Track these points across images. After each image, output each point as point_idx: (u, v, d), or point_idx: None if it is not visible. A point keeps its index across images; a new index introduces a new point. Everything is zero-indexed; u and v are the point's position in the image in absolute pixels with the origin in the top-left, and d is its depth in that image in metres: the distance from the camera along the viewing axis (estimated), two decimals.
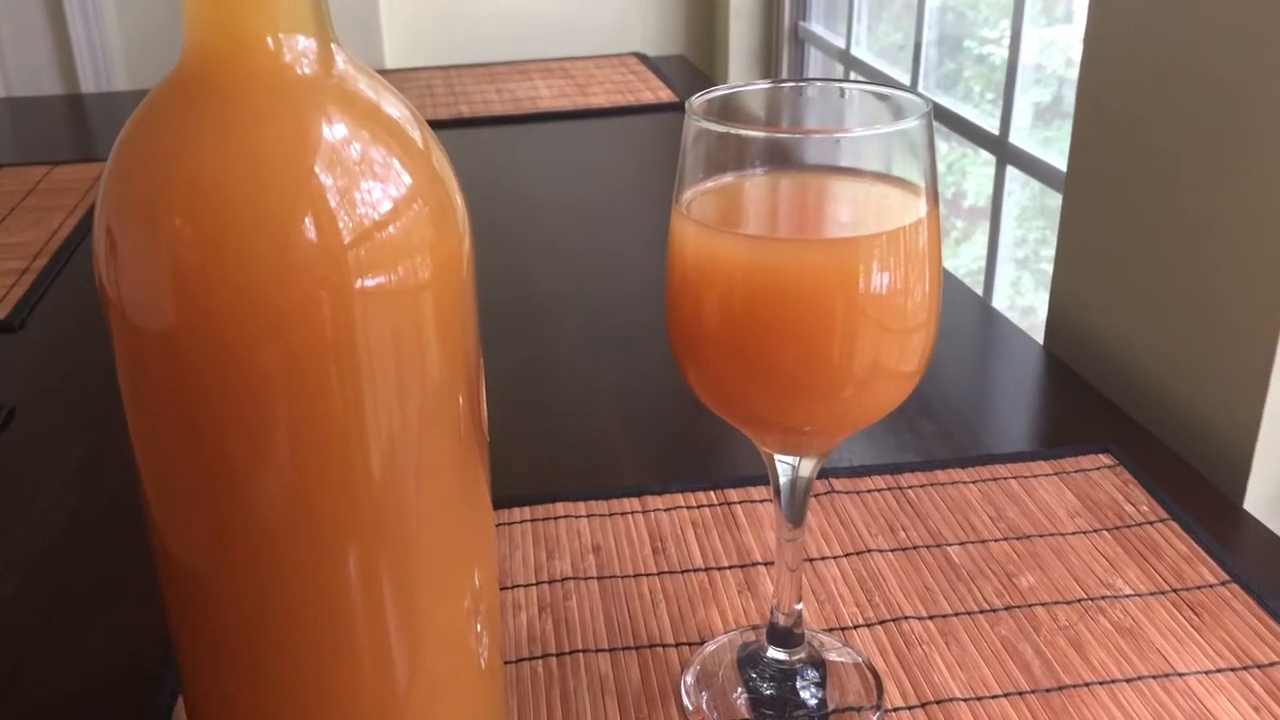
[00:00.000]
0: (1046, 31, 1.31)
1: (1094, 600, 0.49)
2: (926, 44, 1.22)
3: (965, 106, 1.32)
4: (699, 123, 0.35)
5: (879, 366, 0.35)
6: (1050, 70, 1.27)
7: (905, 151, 0.35)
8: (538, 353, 0.74)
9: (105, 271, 0.32)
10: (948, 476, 0.58)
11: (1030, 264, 1.53)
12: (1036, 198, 1.37)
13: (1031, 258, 1.51)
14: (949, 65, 1.37)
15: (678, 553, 0.52)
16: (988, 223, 1.10)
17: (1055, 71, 1.22)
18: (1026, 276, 1.52)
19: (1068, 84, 1.04)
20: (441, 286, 0.33)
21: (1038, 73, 1.36)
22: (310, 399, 0.31)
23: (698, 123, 0.35)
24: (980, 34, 1.48)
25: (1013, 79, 1.01)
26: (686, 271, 0.36)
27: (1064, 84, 1.17)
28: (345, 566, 0.34)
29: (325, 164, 0.30)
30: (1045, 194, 1.28)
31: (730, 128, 0.33)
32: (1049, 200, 1.19)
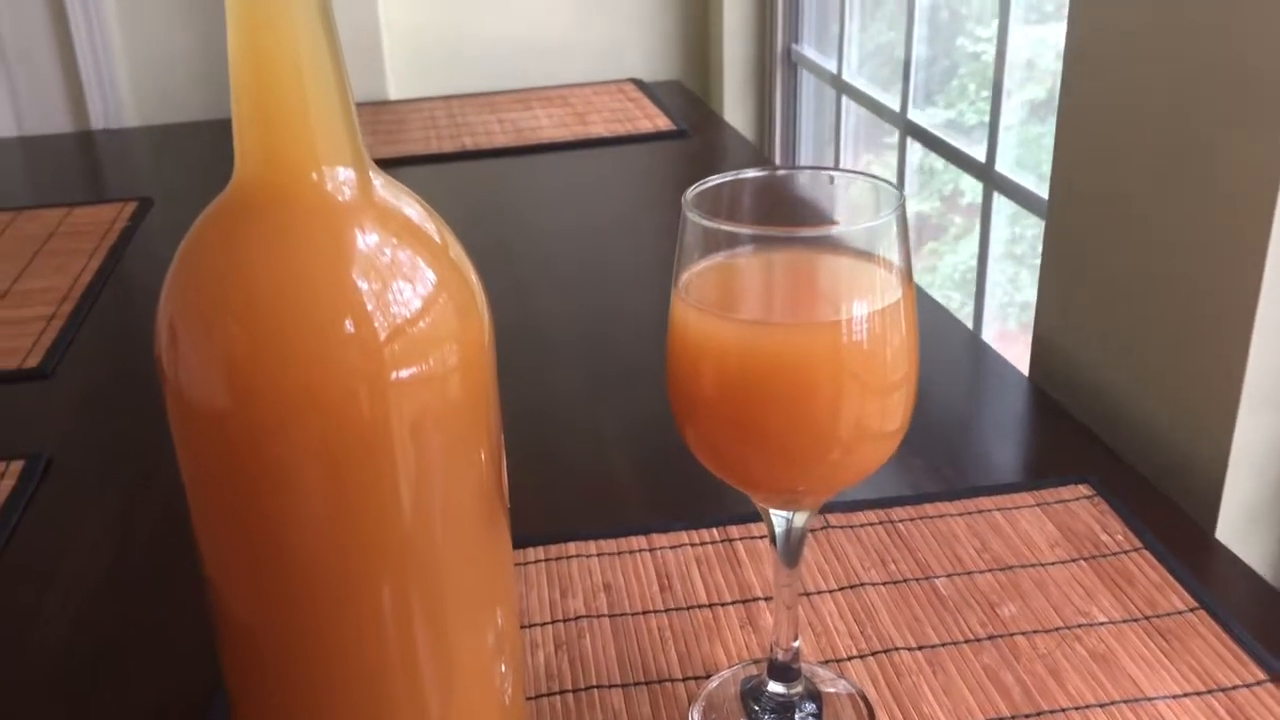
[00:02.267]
0: (1038, 29, 1.34)
1: (1071, 629, 0.52)
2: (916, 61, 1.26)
3: (958, 109, 1.35)
4: (693, 217, 0.38)
5: (863, 432, 0.39)
6: (1043, 66, 1.30)
7: (882, 238, 0.38)
8: (545, 395, 0.77)
9: (166, 360, 0.35)
10: (935, 510, 0.61)
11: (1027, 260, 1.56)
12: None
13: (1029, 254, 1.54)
14: (942, 63, 1.39)
15: (683, 589, 0.56)
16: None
17: (1048, 67, 1.25)
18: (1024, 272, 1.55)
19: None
20: (467, 370, 0.37)
21: (1029, 70, 1.39)
22: (347, 476, 0.35)
23: (692, 217, 0.38)
24: (975, 32, 1.51)
25: (998, 107, 1.05)
26: (686, 349, 0.39)
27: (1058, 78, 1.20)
28: (381, 611, 0.38)
29: (361, 271, 0.34)
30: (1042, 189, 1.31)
31: (721, 224, 0.37)
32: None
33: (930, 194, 2.00)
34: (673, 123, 1.36)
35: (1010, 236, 1.39)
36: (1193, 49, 0.61)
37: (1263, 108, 0.56)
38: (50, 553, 0.62)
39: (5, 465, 0.69)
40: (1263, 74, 0.56)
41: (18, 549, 0.62)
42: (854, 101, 1.43)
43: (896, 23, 1.24)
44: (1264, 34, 0.56)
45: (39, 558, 0.62)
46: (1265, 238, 0.57)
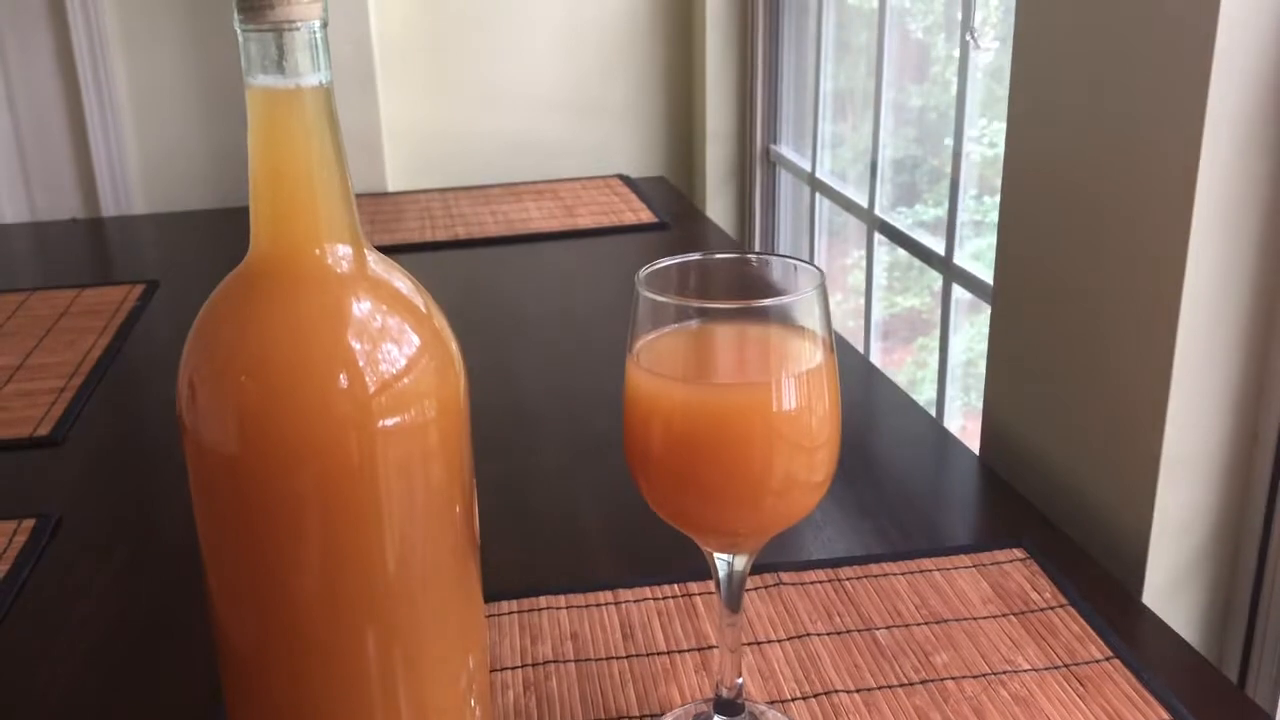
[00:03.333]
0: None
1: (997, 674, 0.57)
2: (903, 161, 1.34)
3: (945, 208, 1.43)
4: (644, 292, 0.44)
5: (792, 479, 0.45)
6: None
7: (806, 310, 0.44)
8: (523, 460, 0.83)
9: (186, 411, 0.41)
10: (881, 569, 0.66)
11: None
12: None
13: None
14: (931, 162, 1.47)
15: (644, 638, 0.61)
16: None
17: None
18: None
19: None
20: (444, 421, 0.42)
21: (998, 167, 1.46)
22: (340, 510, 0.40)
23: (643, 292, 0.44)
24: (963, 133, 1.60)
25: (955, 200, 1.12)
26: (637, 408, 0.45)
27: None
28: (365, 647, 0.42)
29: (354, 334, 0.40)
30: None
31: (669, 299, 0.43)
32: None
33: (920, 289, 2.07)
34: (655, 215, 1.43)
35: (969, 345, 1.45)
36: (1113, 140, 0.68)
37: (1169, 207, 0.63)
38: (59, 603, 0.67)
39: (18, 524, 0.74)
40: (1170, 172, 0.63)
41: (29, 599, 0.67)
42: (828, 199, 1.51)
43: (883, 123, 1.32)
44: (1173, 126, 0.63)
45: (49, 608, 0.66)
46: (1173, 333, 0.63)
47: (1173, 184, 0.62)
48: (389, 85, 1.69)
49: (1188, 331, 0.63)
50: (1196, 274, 0.62)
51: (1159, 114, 0.63)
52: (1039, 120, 0.75)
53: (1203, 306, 0.63)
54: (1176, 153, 0.62)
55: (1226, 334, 0.64)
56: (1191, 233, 0.61)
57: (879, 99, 1.29)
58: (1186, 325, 0.63)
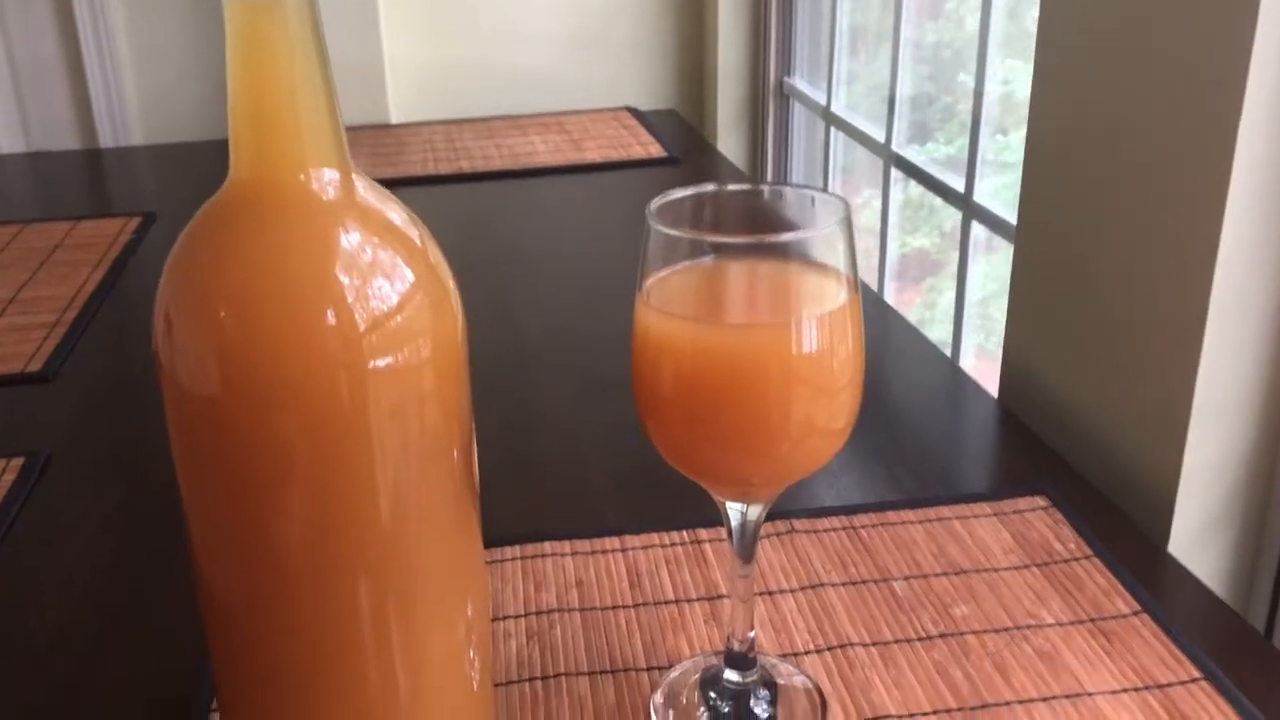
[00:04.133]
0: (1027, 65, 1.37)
1: (1019, 629, 0.55)
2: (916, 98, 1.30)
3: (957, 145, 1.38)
4: (655, 225, 0.41)
5: (811, 426, 0.42)
6: None
7: (829, 246, 0.41)
8: (528, 403, 0.80)
9: (162, 348, 0.38)
10: (898, 517, 0.64)
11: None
12: None
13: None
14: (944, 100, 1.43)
15: (651, 586, 0.59)
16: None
17: None
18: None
19: None
20: (439, 362, 0.40)
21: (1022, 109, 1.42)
22: (328, 456, 0.38)
23: (654, 225, 0.41)
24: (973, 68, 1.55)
25: (976, 137, 1.08)
26: (647, 350, 0.42)
27: None
28: (357, 597, 0.40)
29: (343, 267, 0.37)
30: None
31: (682, 233, 0.40)
32: None
33: (930, 229, 2.03)
34: (665, 150, 1.39)
35: (1005, 272, 1.42)
36: (1148, 78, 0.64)
37: (1208, 145, 0.59)
38: (48, 546, 0.65)
39: (6, 462, 0.72)
40: (1213, 108, 0.59)
41: (16, 542, 0.65)
42: (843, 133, 1.47)
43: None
44: (1216, 57, 0.59)
45: (36, 551, 0.64)
46: (1211, 265, 0.60)
47: (1213, 122, 0.59)
48: (392, 15, 1.64)
49: (1225, 273, 0.60)
50: (1236, 214, 0.59)
51: (1200, 46, 0.60)
52: (1069, 56, 0.71)
53: (1242, 248, 0.60)
54: (1218, 89, 0.58)
55: (1265, 276, 0.61)
56: (1232, 173, 0.58)
57: (898, 29, 1.25)
58: (1224, 266, 0.60)
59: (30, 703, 0.53)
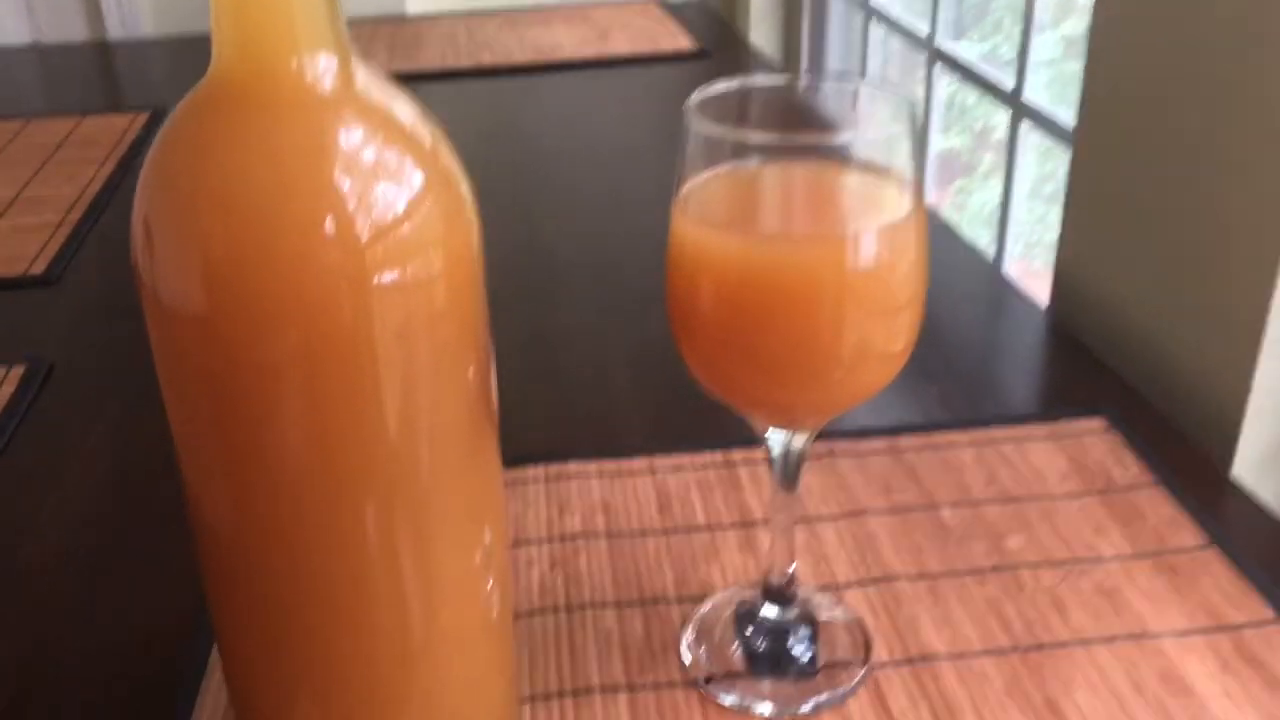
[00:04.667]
0: None
1: (1078, 562, 0.51)
2: None
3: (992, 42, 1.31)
4: (696, 125, 0.36)
5: (866, 352, 0.38)
6: (1083, 1, 1.26)
7: (893, 149, 0.36)
8: (550, 316, 0.76)
9: (141, 260, 0.34)
10: (945, 440, 0.60)
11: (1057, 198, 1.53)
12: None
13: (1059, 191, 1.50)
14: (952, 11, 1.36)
15: (682, 512, 0.55)
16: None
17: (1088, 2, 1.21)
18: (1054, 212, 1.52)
19: None
20: (452, 276, 0.35)
21: (1068, 4, 1.34)
22: (328, 381, 0.34)
23: (695, 125, 0.37)
24: None
25: (1028, 33, 1.01)
26: (684, 264, 0.38)
27: None
28: (364, 525, 0.37)
29: (343, 169, 0.33)
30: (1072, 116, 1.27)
31: (726, 132, 0.35)
32: None
33: (961, 130, 1.95)
34: (695, 43, 1.32)
35: (1039, 175, 1.36)
36: None
37: None
38: (49, 459, 0.62)
39: (6, 370, 0.69)
40: None
41: (16, 454, 0.62)
42: (883, 28, 1.40)
43: None
44: None
45: (38, 463, 0.61)
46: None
47: None
48: None
49: None
50: None
51: None
52: None
53: None
54: None
55: None
56: None
57: None
58: None
59: (25, 619, 0.51)
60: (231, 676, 0.41)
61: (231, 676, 0.41)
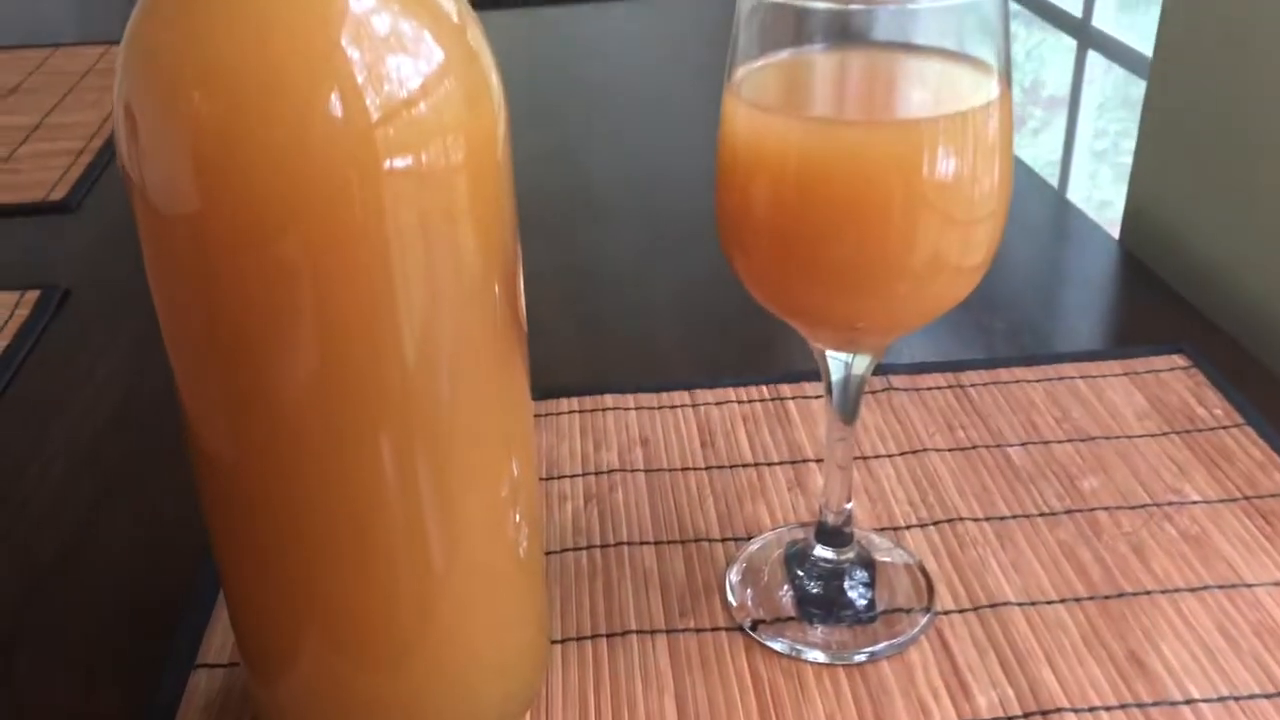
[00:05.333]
0: None
1: (1159, 506, 0.47)
2: None
3: None
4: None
5: (940, 260, 0.33)
6: None
7: (976, 28, 0.32)
8: (592, 250, 0.72)
9: (126, 152, 0.30)
10: (1011, 375, 0.56)
11: (1109, 157, 1.46)
12: (1120, 87, 1.30)
13: (1111, 150, 1.44)
14: None
15: (726, 447, 0.51)
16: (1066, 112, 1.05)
17: None
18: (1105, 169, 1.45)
19: None
20: (475, 168, 0.31)
21: None
22: (338, 284, 0.30)
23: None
24: None
25: None
26: (736, 153, 0.33)
27: None
28: (378, 454, 0.33)
29: (351, 36, 0.29)
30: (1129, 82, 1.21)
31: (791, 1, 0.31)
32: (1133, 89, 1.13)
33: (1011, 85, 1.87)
34: None
35: (1094, 132, 1.30)
36: None
37: None
38: (60, 386, 0.59)
39: (20, 295, 0.66)
40: None
41: (27, 380, 0.59)
42: None
43: None
44: None
45: (49, 390, 0.58)
46: None
47: None
48: None
49: None
50: None
51: None
52: None
53: None
54: None
55: None
56: None
57: None
58: None
59: (29, 547, 0.48)
60: (237, 620, 0.38)
61: (237, 620, 0.38)
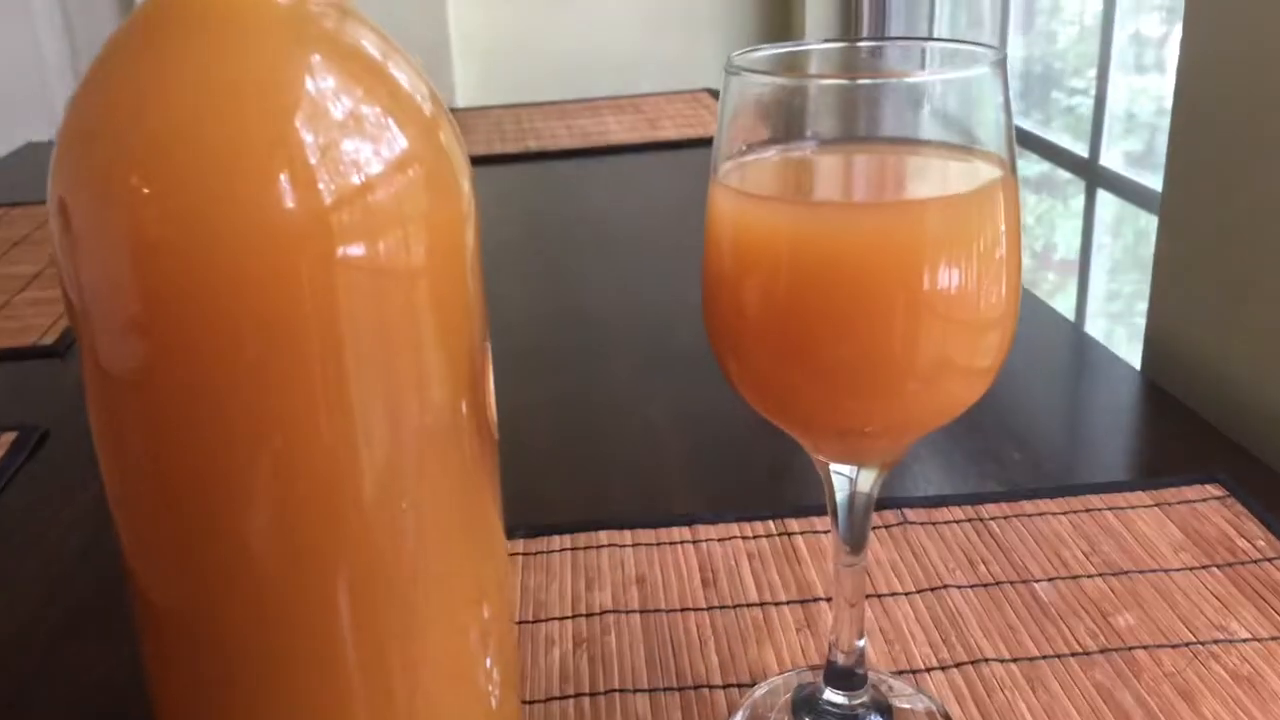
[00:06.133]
0: (1137, 79, 1.26)
1: (1204, 644, 0.43)
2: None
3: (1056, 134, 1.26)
4: (742, 76, 0.30)
5: (948, 357, 0.31)
6: (1142, 119, 1.21)
7: (975, 109, 0.30)
8: (590, 378, 0.70)
9: (61, 249, 0.28)
10: (1035, 507, 0.52)
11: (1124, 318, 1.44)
12: (1131, 249, 1.30)
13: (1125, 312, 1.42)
14: (1035, 117, 1.31)
15: (730, 586, 0.47)
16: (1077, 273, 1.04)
17: (1147, 120, 1.16)
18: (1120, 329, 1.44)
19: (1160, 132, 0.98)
20: (440, 260, 0.29)
21: (1129, 122, 1.30)
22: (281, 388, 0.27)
23: (741, 76, 0.30)
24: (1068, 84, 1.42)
25: (1102, 100, 0.96)
26: (723, 246, 0.31)
27: (1156, 132, 1.11)
28: (333, 598, 0.30)
29: (308, 114, 0.27)
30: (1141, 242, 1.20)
31: (778, 78, 0.29)
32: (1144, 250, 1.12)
33: (1023, 250, 1.89)
34: None
35: (1106, 294, 1.29)
36: None
37: None
38: (32, 524, 0.56)
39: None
40: None
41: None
42: None
43: None
44: None
45: (19, 527, 0.55)
46: None
47: None
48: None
49: None
50: None
51: None
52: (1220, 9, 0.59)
53: None
54: None
55: None
56: None
57: None
58: None
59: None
60: None
61: None
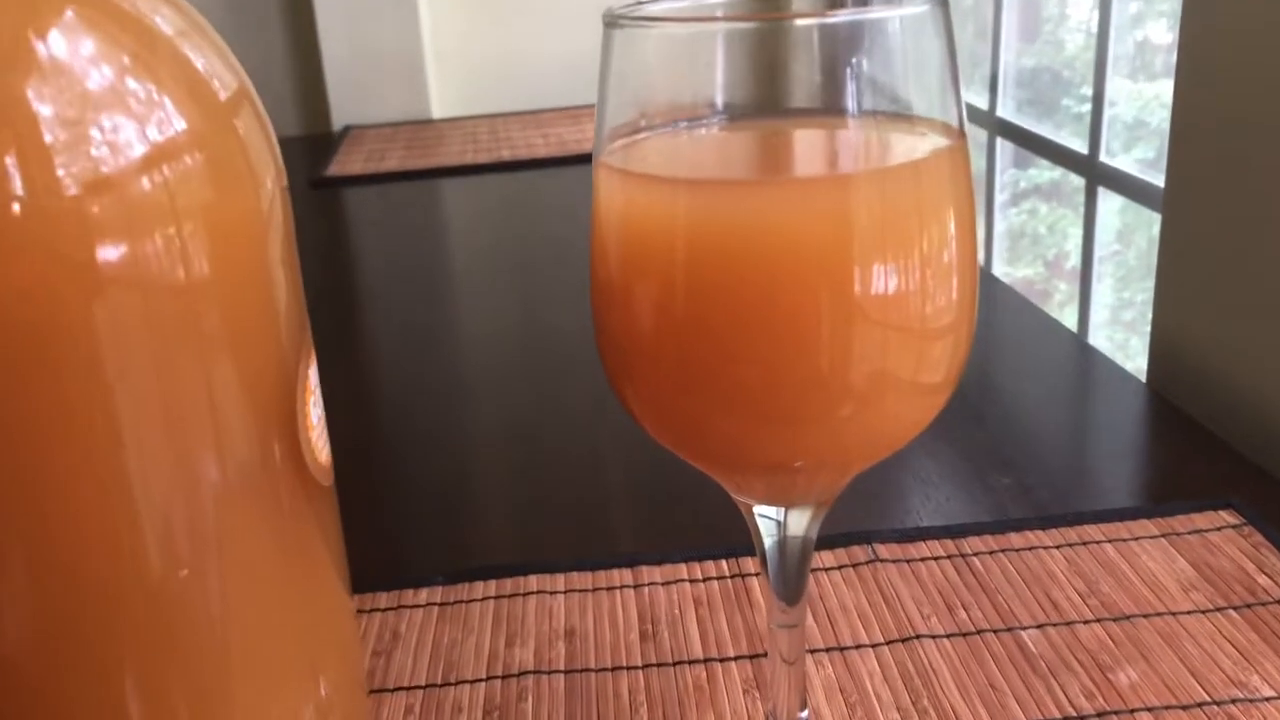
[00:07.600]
0: (1148, 86, 1.21)
1: (1220, 704, 0.36)
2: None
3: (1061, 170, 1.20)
4: (625, 28, 0.24)
5: (889, 370, 0.24)
6: (1153, 126, 1.16)
7: (914, 60, 0.24)
8: (542, 411, 0.64)
9: None
10: (1024, 540, 0.46)
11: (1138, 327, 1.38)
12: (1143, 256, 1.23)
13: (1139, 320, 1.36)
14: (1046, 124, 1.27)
15: (672, 639, 0.41)
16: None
17: (1159, 127, 1.11)
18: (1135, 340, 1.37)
19: None
20: (232, 279, 0.23)
21: (1139, 129, 1.24)
22: (36, 436, 0.22)
23: (623, 29, 0.24)
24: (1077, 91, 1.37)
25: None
26: (608, 242, 0.25)
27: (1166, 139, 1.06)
28: (121, 695, 0.24)
29: (41, 87, 0.21)
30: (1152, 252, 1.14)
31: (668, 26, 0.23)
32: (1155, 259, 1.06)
33: (1034, 259, 1.84)
34: None
35: (1119, 302, 1.22)
36: None
37: None
38: None
39: None
40: None
41: None
42: None
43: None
44: None
45: None
46: None
47: None
48: (435, 3, 1.50)
49: None
50: None
51: None
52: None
53: None
54: None
55: None
56: None
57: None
58: None
59: None
60: None
61: None
